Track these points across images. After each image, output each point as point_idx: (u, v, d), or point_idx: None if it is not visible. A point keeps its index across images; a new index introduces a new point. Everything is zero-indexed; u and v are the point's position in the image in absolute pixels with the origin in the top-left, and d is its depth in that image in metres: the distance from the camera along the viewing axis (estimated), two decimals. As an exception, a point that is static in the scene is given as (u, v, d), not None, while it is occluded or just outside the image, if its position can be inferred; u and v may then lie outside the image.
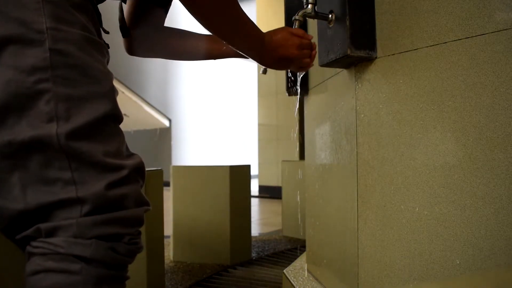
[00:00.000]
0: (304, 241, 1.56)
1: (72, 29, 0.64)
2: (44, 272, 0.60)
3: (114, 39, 0.95)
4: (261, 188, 6.26)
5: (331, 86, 1.22)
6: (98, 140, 0.64)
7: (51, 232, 0.61)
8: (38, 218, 0.62)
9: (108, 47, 0.81)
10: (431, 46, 0.86)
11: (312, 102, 1.41)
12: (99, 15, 0.76)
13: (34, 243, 0.62)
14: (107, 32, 0.82)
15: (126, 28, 0.93)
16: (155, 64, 8.50)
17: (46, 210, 0.61)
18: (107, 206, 0.63)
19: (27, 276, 0.61)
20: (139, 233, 0.69)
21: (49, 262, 0.60)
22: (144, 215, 0.69)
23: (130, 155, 0.70)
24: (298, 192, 2.86)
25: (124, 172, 0.65)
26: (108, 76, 0.69)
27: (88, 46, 0.66)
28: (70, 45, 0.63)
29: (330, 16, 1.00)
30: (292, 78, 1.35)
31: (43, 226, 0.61)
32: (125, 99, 7.71)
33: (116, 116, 0.68)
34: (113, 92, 0.69)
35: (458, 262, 0.82)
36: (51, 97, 0.60)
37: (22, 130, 0.60)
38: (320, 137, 1.29)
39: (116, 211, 0.64)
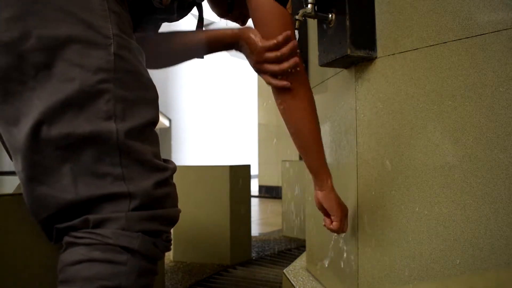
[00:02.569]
0: (304, 241, 1.56)
1: (129, 38, 0.69)
2: (88, 261, 0.62)
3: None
4: (261, 188, 6.26)
5: (331, 86, 1.22)
6: (147, 141, 0.68)
7: (99, 224, 0.64)
8: (86, 209, 0.64)
9: None
10: (431, 46, 0.86)
11: (312, 102, 1.41)
12: None
13: (77, 234, 0.64)
14: None
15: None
16: (155, 64, 8.49)
17: (95, 202, 0.64)
18: (152, 203, 0.67)
19: (66, 266, 0.63)
20: (170, 232, 0.74)
21: (95, 252, 0.62)
22: (179, 216, 0.74)
23: (166, 159, 0.74)
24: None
25: (168, 173, 0.70)
26: (154, 84, 0.74)
27: (139, 55, 0.71)
28: (129, 52, 0.68)
29: (330, 16, 1.00)
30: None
31: (92, 217, 0.63)
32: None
33: (157, 122, 0.73)
34: (158, 99, 0.74)
35: (458, 262, 0.82)
36: (110, 97, 0.64)
37: (81, 124, 0.63)
38: (320, 137, 1.29)
39: (159, 209, 0.68)
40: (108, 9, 0.66)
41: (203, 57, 0.97)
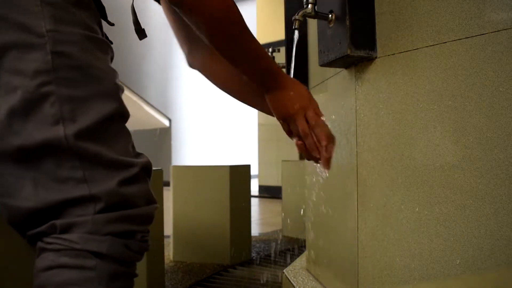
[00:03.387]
0: (304, 241, 1.56)
1: (73, 29, 0.64)
2: (57, 268, 0.61)
3: (115, 38, 0.94)
4: (261, 188, 6.26)
5: (331, 86, 1.22)
6: (106, 139, 0.65)
7: (66, 229, 0.62)
8: (52, 215, 0.62)
9: (111, 43, 0.81)
10: (431, 46, 0.86)
11: (312, 102, 1.41)
12: (102, 8, 0.75)
13: (47, 239, 0.62)
14: (112, 24, 0.81)
15: (141, 31, 0.90)
16: (155, 64, 8.50)
17: (59, 208, 0.62)
18: (120, 203, 0.64)
19: (38, 272, 0.62)
20: (148, 231, 0.70)
21: (63, 258, 0.61)
22: (154, 213, 0.71)
23: (138, 154, 0.71)
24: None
25: (135, 170, 0.66)
26: (111, 74, 0.69)
27: (90, 45, 0.66)
28: (71, 46, 0.63)
29: (330, 16, 1.00)
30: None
31: (59, 222, 0.62)
32: (125, 99, 7.56)
33: (121, 114, 0.69)
34: (117, 90, 0.69)
35: (458, 262, 0.82)
36: (55, 100, 0.61)
37: (30, 134, 0.60)
38: (320, 137, 1.29)
39: (129, 209, 0.65)
40: (41, 3, 0.61)
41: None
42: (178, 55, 9.43)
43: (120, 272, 0.64)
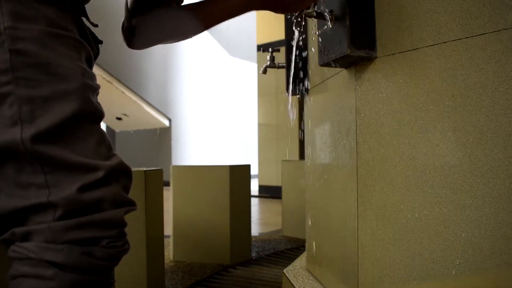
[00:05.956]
0: (304, 241, 1.56)
1: (33, 26, 0.61)
2: (21, 277, 0.59)
3: (115, 38, 0.94)
4: (261, 188, 6.26)
5: (331, 86, 1.22)
6: (69, 141, 0.61)
7: (26, 237, 0.60)
8: (14, 222, 0.60)
9: (101, 43, 0.79)
10: (431, 46, 0.86)
11: (312, 102, 1.41)
12: (79, 5, 0.73)
13: (12, 247, 0.61)
14: (95, 25, 0.79)
15: (132, 28, 0.89)
16: (155, 64, 8.50)
17: (21, 214, 0.60)
18: (81, 209, 0.61)
19: (9, 280, 0.61)
20: (123, 235, 0.66)
21: (24, 267, 0.59)
22: (124, 216, 0.66)
23: (110, 155, 0.67)
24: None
25: (100, 174, 0.62)
26: (77, 72, 0.64)
27: (53, 41, 0.62)
28: (30, 43, 0.60)
29: (330, 15, 1.00)
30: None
31: (18, 230, 0.60)
32: (125, 99, 7.71)
33: (89, 114, 0.65)
34: (85, 88, 0.64)
35: (458, 262, 0.82)
36: (13, 100, 0.58)
37: None
38: (320, 137, 1.29)
39: (91, 214, 0.61)
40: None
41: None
42: (178, 55, 9.45)
43: (85, 281, 0.61)
